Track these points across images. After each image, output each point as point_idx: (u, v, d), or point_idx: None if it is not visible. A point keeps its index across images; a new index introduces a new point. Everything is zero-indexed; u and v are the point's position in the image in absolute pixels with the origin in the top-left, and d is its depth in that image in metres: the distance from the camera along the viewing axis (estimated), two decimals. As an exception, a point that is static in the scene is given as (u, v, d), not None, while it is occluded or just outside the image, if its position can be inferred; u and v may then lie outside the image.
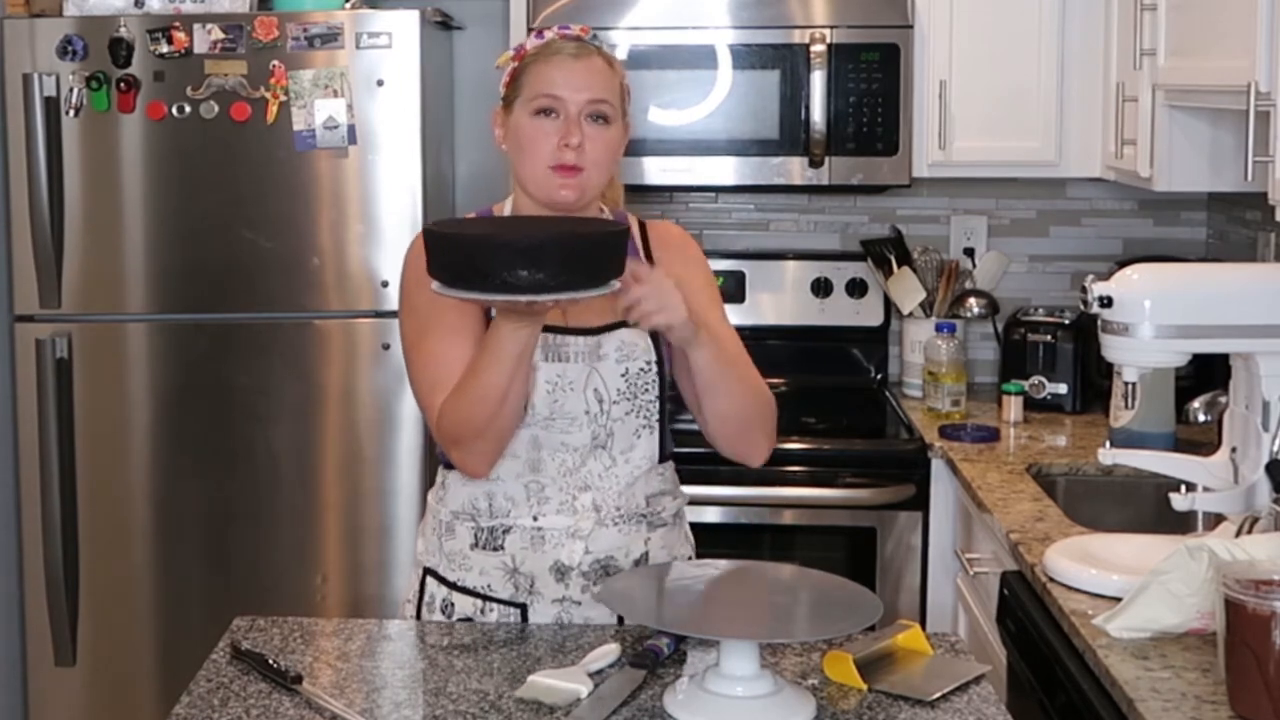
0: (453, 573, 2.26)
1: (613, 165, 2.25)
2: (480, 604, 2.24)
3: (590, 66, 2.21)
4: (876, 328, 3.94)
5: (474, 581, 2.24)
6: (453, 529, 2.26)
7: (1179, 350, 2.34)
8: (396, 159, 3.43)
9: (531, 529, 2.21)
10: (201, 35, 3.40)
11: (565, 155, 2.17)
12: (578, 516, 2.20)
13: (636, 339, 2.22)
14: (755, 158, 3.61)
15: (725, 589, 2.07)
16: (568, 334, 2.20)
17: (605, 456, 2.21)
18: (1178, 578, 2.02)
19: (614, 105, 2.22)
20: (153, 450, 3.51)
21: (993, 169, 3.71)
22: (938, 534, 3.35)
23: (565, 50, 2.21)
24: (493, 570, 2.23)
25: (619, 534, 2.22)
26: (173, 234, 3.47)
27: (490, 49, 4.00)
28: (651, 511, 2.25)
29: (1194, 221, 3.95)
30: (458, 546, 2.25)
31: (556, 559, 2.20)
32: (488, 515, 2.22)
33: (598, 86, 2.20)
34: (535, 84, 2.20)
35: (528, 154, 2.21)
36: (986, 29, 3.59)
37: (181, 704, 1.92)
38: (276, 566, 3.52)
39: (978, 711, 1.89)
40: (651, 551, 2.25)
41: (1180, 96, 2.93)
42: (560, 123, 2.19)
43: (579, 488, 2.20)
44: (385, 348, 3.45)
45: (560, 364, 2.19)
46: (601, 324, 2.22)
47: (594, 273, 1.94)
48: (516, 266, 1.87)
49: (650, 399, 2.23)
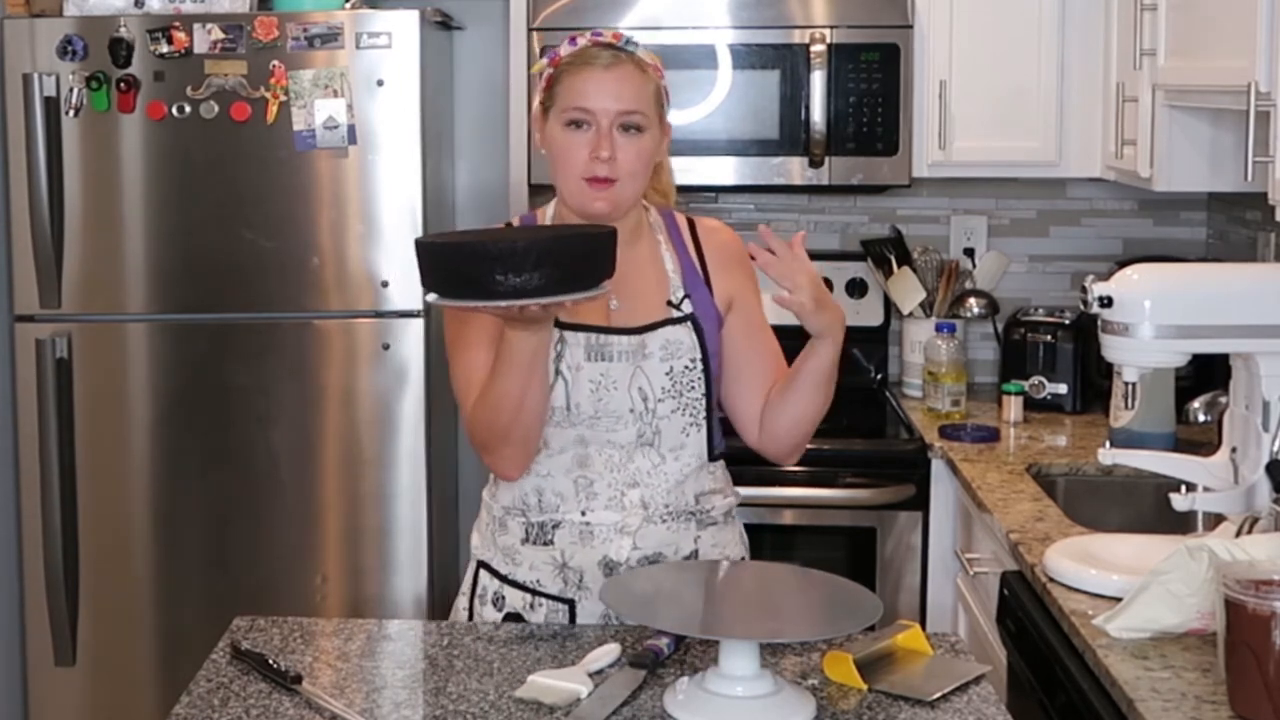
0: (505, 566, 2.29)
1: (647, 173, 2.26)
2: (529, 599, 2.26)
3: (622, 76, 2.21)
4: (876, 328, 3.94)
5: (524, 576, 2.27)
6: (505, 524, 2.29)
7: (1179, 350, 2.34)
8: (396, 159, 3.43)
9: (580, 524, 2.23)
10: (201, 35, 3.40)
11: (597, 168, 2.19)
12: (625, 513, 2.22)
13: (682, 336, 2.25)
14: (755, 158, 3.61)
15: (725, 589, 2.08)
16: (611, 334, 2.22)
17: (653, 454, 2.23)
18: (1178, 578, 2.02)
19: (647, 113, 2.22)
20: (153, 450, 3.51)
21: (993, 169, 3.71)
22: (938, 534, 3.35)
23: (598, 61, 2.21)
24: (542, 565, 2.25)
25: (667, 531, 2.24)
26: (173, 234, 3.47)
27: (490, 49, 4.01)
28: (701, 510, 2.27)
29: (1194, 221, 3.95)
30: (510, 541, 2.28)
31: (605, 554, 2.23)
32: (537, 510, 2.25)
33: (628, 97, 2.20)
34: (567, 95, 2.21)
35: (561, 165, 2.23)
36: (986, 29, 3.59)
37: (181, 704, 1.92)
38: (276, 566, 3.52)
39: (978, 711, 1.89)
40: (701, 549, 2.27)
41: (1180, 96, 2.93)
42: (591, 135, 2.19)
43: (627, 484, 2.23)
44: (385, 348, 3.45)
45: (604, 363, 2.21)
46: (646, 323, 2.24)
47: (579, 275, 1.95)
48: (496, 272, 1.90)
49: (696, 396, 2.24)
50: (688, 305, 2.27)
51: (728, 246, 2.36)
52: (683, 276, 2.29)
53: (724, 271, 2.33)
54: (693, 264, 2.31)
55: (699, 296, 2.28)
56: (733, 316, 2.31)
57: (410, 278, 3.42)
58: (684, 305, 2.27)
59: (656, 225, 2.33)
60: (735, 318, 2.31)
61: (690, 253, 2.32)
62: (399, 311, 3.45)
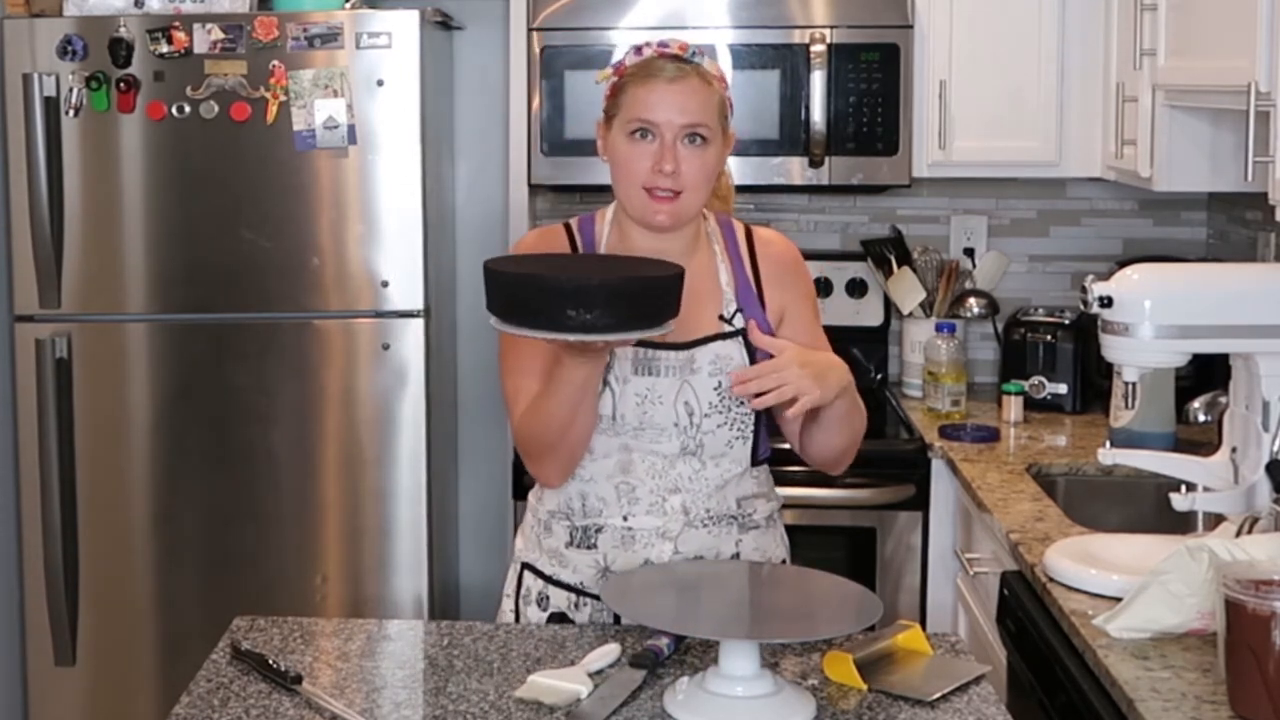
0: (550, 568, 2.30)
1: (710, 185, 2.24)
2: (574, 598, 2.28)
3: (687, 89, 2.19)
4: (876, 328, 3.94)
5: (569, 578, 2.28)
6: (550, 527, 2.30)
7: (1179, 350, 2.34)
8: (396, 159, 3.43)
9: (622, 529, 2.24)
10: (201, 35, 3.40)
11: (660, 180, 2.18)
12: (667, 518, 2.23)
13: (732, 352, 2.24)
14: (755, 158, 3.61)
15: (726, 589, 2.08)
16: (659, 349, 2.21)
17: (695, 461, 2.24)
18: (1178, 578, 2.02)
19: (712, 125, 2.20)
20: (153, 450, 3.51)
21: (993, 169, 3.71)
22: (938, 534, 3.35)
23: (663, 73, 2.19)
24: (585, 568, 2.27)
25: (709, 535, 2.25)
26: (173, 234, 3.47)
27: (490, 49, 4.01)
28: (743, 514, 2.28)
29: (1194, 221, 3.95)
30: (555, 544, 2.30)
31: (646, 558, 2.23)
32: (581, 515, 2.26)
33: (694, 109, 2.18)
34: (632, 106, 2.19)
35: (623, 175, 2.21)
36: (986, 29, 3.59)
37: (181, 704, 1.92)
38: (276, 566, 3.52)
39: (978, 711, 1.89)
40: (743, 553, 2.28)
41: (1180, 96, 2.93)
42: (655, 146, 2.18)
43: (669, 490, 2.23)
44: (385, 348, 3.45)
45: (651, 378, 2.21)
46: (695, 338, 2.23)
47: (644, 316, 1.98)
48: (566, 307, 1.92)
49: (745, 411, 2.24)
50: (739, 320, 2.26)
51: (783, 258, 2.35)
52: (736, 290, 2.29)
53: (777, 284, 2.32)
54: (747, 277, 2.31)
55: (752, 310, 2.28)
56: (783, 330, 2.30)
57: (410, 278, 3.44)
58: (736, 320, 2.26)
59: (714, 235, 2.32)
60: (785, 331, 2.30)
61: (745, 265, 2.32)
62: (399, 311, 3.45)
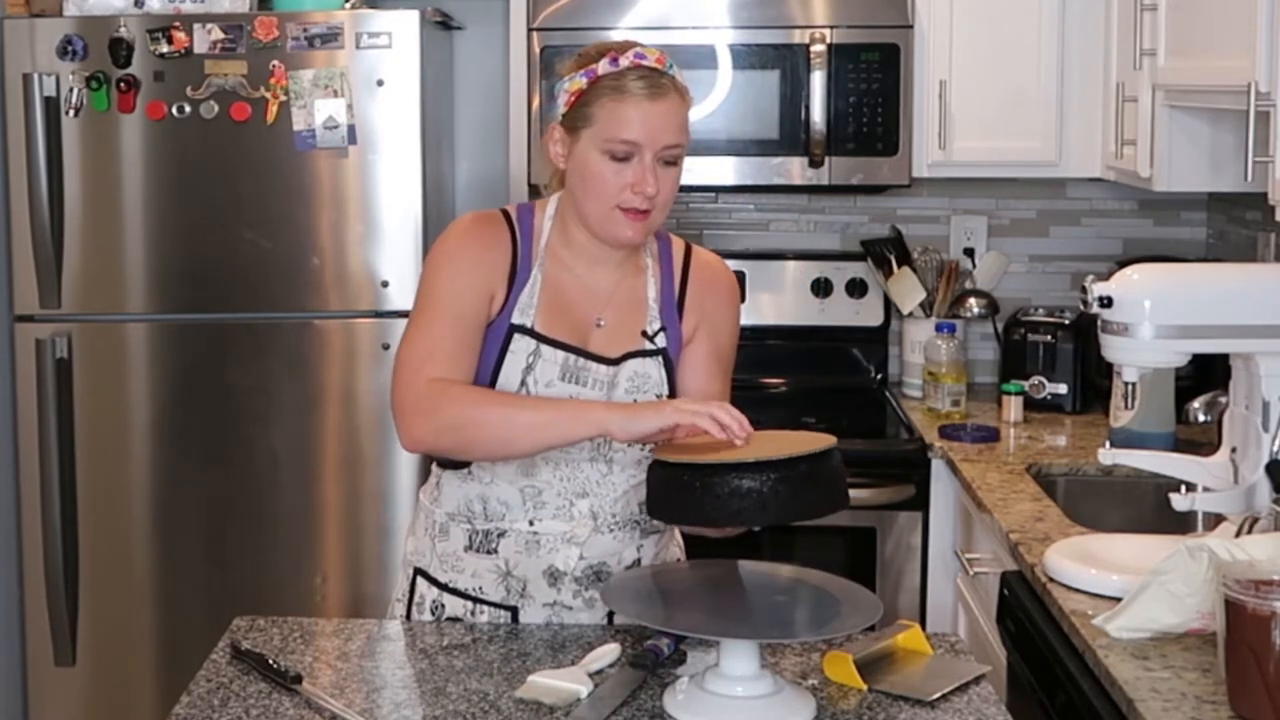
0: (444, 574, 2.26)
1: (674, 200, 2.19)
2: (471, 606, 2.24)
3: (668, 109, 2.11)
4: (876, 328, 3.94)
5: (465, 584, 2.24)
6: (447, 530, 2.25)
7: (1179, 350, 2.34)
8: (396, 159, 3.43)
9: (527, 533, 2.20)
10: (201, 35, 3.40)
11: (637, 201, 2.11)
12: (574, 523, 2.19)
13: (650, 370, 2.20)
14: (755, 158, 3.61)
15: (725, 589, 2.07)
16: (590, 359, 2.18)
17: (603, 465, 2.20)
18: (1178, 578, 2.02)
19: (685, 143, 2.15)
20: (153, 450, 3.51)
21: (993, 169, 3.71)
22: (938, 534, 3.35)
23: (643, 90, 2.10)
24: (485, 573, 2.22)
25: (613, 540, 2.22)
26: (173, 234, 3.47)
27: (490, 49, 4.01)
28: (645, 518, 2.23)
29: (1194, 221, 3.95)
30: (451, 548, 2.25)
31: (550, 564, 2.20)
32: (482, 518, 2.22)
33: (674, 130, 2.12)
34: (609, 124, 2.10)
35: (594, 192, 2.13)
36: (986, 29, 3.59)
37: (181, 704, 1.92)
38: (276, 566, 3.52)
39: (978, 711, 1.89)
40: (644, 558, 2.25)
41: (1180, 96, 2.93)
42: (635, 167, 2.10)
43: (576, 494, 2.20)
44: (385, 348, 3.45)
45: (577, 387, 2.17)
46: (620, 354, 2.19)
47: None
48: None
49: None
50: (661, 338, 2.21)
51: (715, 282, 2.29)
52: (661, 306, 2.23)
53: (698, 304, 2.25)
54: (673, 290, 2.25)
55: (673, 329, 2.23)
56: (689, 348, 2.24)
57: (410, 278, 3.44)
58: (658, 338, 2.21)
59: (647, 247, 2.26)
60: (689, 349, 2.24)
61: (675, 280, 2.26)
62: (399, 311, 3.45)
